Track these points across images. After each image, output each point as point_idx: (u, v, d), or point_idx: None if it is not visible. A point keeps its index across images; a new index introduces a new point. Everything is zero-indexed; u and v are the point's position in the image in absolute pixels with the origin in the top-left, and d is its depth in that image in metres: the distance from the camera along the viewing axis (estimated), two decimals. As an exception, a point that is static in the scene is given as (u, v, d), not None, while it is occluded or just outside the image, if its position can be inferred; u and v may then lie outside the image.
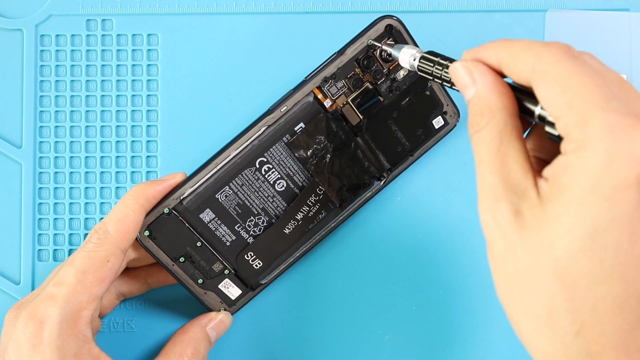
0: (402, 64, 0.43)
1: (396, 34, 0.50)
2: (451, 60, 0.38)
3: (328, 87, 0.50)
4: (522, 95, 0.35)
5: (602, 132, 0.30)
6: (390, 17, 0.50)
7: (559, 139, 0.33)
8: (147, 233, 0.49)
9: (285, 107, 0.49)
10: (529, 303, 0.33)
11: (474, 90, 0.36)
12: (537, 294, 0.32)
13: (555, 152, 0.34)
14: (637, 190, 0.30)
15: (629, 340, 0.31)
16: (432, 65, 0.39)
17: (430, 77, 0.40)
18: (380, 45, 0.49)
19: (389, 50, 0.47)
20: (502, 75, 0.36)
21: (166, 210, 0.49)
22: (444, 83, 0.40)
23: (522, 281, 0.33)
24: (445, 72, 0.38)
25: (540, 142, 0.38)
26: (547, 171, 0.33)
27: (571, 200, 0.31)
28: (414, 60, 0.41)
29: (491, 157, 0.34)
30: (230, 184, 0.50)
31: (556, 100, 0.32)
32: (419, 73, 0.41)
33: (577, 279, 0.31)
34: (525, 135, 0.37)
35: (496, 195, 0.34)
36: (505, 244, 0.34)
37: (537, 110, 0.35)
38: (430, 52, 0.40)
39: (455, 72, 0.37)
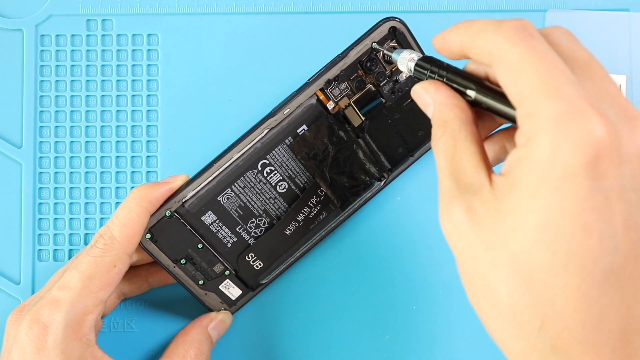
0: (400, 67, 0.43)
1: (400, 36, 0.50)
2: (445, 67, 0.38)
3: (331, 89, 0.50)
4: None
5: (547, 122, 0.30)
6: (394, 19, 0.50)
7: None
8: (148, 236, 0.49)
9: (288, 109, 0.49)
10: (492, 301, 0.33)
11: (432, 108, 0.37)
12: (498, 290, 0.32)
13: None
14: (585, 179, 0.30)
15: (594, 335, 0.31)
16: (425, 71, 0.39)
17: None
18: (382, 49, 0.49)
19: (389, 53, 0.47)
20: (467, 57, 0.37)
21: (168, 213, 0.49)
22: None
23: (483, 279, 0.33)
24: (437, 78, 0.38)
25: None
26: (504, 167, 0.33)
27: (522, 193, 0.31)
28: (411, 64, 0.42)
29: (447, 163, 0.35)
30: (232, 186, 0.50)
31: (512, 89, 0.32)
32: (415, 78, 0.41)
33: (534, 272, 0.31)
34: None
35: (450, 196, 0.34)
36: (463, 243, 0.34)
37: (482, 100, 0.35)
38: (426, 58, 0.40)
39: (416, 94, 0.38)
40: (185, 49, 0.55)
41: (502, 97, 0.35)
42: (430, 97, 0.37)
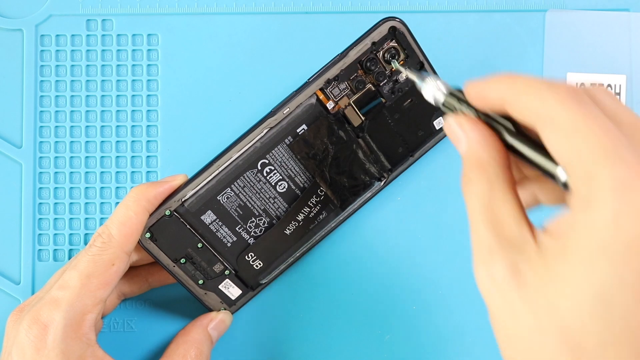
0: (424, 95, 0.40)
1: (399, 36, 0.50)
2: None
3: (331, 89, 0.50)
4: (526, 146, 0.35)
5: (609, 188, 0.29)
6: (394, 19, 0.50)
7: (565, 187, 0.32)
8: (148, 235, 0.49)
9: (288, 109, 0.49)
10: None
11: (465, 145, 0.35)
12: (542, 355, 0.31)
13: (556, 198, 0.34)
14: None
15: None
16: (456, 105, 0.38)
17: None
18: (402, 69, 0.49)
19: (413, 77, 0.43)
20: (506, 115, 0.35)
21: (167, 212, 0.49)
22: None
23: (526, 342, 0.32)
24: (471, 110, 0.36)
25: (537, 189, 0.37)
26: (553, 226, 0.32)
27: (579, 261, 0.30)
28: (439, 96, 0.39)
29: (483, 209, 0.34)
30: (232, 185, 0.50)
31: (563, 150, 0.31)
32: (442, 108, 0.39)
33: (584, 341, 0.30)
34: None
35: (491, 249, 0.33)
36: (503, 302, 0.32)
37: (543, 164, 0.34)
38: (459, 91, 0.38)
39: (449, 128, 0.36)
40: (185, 49, 0.55)
41: (541, 147, 0.33)
42: (464, 133, 0.35)
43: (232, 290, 0.52)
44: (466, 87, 0.36)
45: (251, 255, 0.51)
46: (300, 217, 0.51)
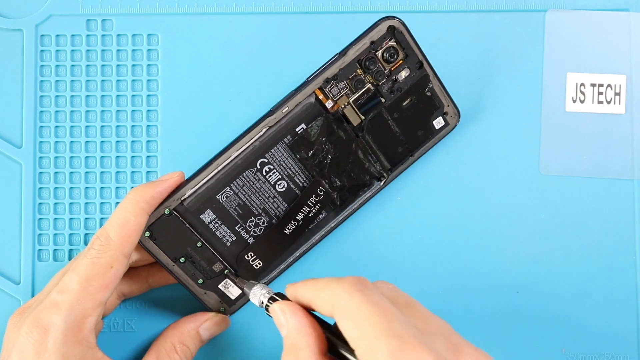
0: (252, 300, 0.46)
1: (398, 35, 0.50)
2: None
3: (329, 88, 0.50)
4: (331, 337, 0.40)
5: (386, 356, 0.35)
6: (393, 18, 0.50)
7: None
8: (147, 234, 0.49)
9: (287, 108, 0.49)
10: None
11: (285, 330, 0.41)
12: None
13: None
14: None
15: None
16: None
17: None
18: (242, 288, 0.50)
19: (243, 288, 0.48)
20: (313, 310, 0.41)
21: (167, 211, 0.49)
22: None
23: None
24: None
25: None
26: None
27: None
28: (263, 299, 0.45)
29: None
30: (231, 184, 0.50)
31: (352, 333, 0.37)
32: (266, 313, 0.44)
33: None
34: None
35: None
36: None
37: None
38: (279, 295, 0.44)
39: (273, 313, 0.42)
40: (185, 49, 0.55)
41: (345, 342, 0.38)
42: (285, 319, 0.41)
43: (231, 290, 0.52)
44: (286, 289, 0.43)
45: (251, 254, 0.51)
46: (300, 216, 0.51)
